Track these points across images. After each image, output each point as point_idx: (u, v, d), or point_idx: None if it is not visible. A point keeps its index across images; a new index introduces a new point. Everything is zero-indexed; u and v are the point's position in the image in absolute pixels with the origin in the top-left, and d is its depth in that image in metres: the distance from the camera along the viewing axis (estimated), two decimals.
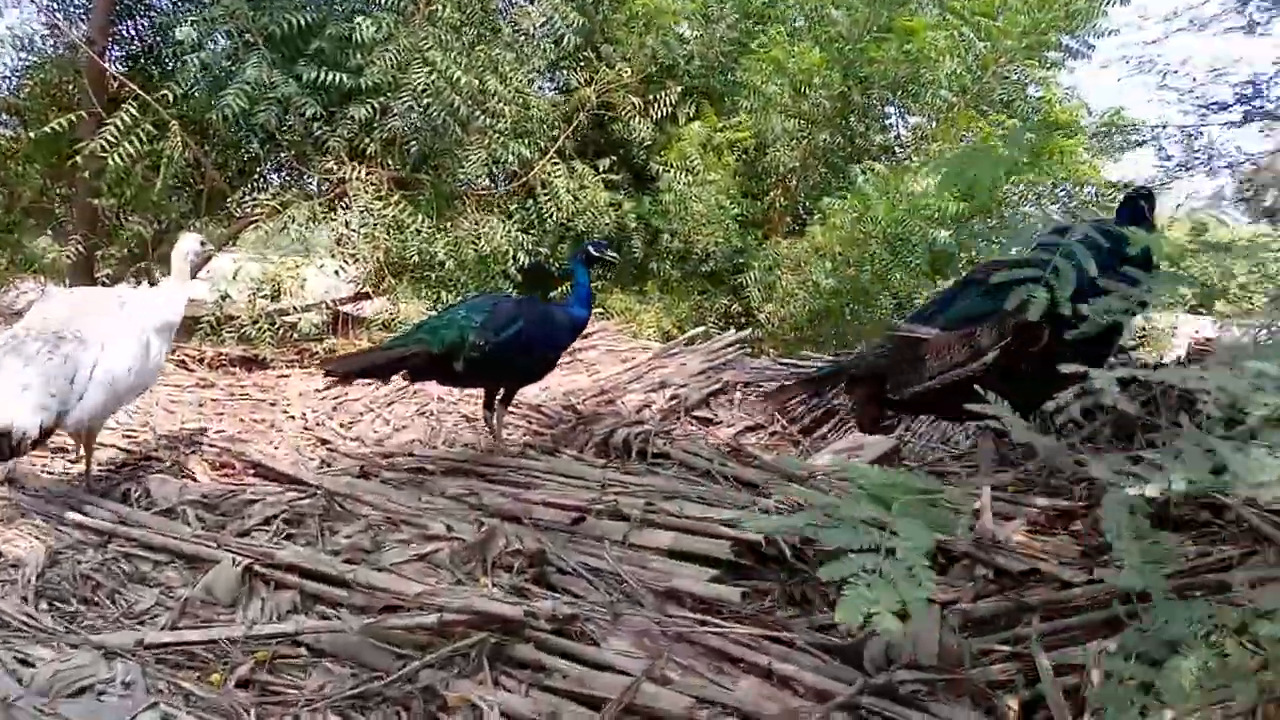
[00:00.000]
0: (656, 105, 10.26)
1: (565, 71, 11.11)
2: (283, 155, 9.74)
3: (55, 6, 10.62)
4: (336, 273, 8.86)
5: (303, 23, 8.62)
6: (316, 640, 2.63)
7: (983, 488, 3.16)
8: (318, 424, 5.89)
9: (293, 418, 6.02)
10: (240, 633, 2.60)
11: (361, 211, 8.49)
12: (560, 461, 4.39)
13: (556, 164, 9.59)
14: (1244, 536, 2.67)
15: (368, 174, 8.63)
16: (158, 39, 10.81)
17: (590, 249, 5.03)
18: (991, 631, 2.43)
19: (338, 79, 8.36)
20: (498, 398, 4.81)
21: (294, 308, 8.19)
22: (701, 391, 5.73)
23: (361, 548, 3.17)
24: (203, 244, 4.63)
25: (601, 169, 10.00)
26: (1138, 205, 4.01)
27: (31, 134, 8.56)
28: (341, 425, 5.82)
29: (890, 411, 3.92)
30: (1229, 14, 6.15)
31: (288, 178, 10.22)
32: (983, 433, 3.97)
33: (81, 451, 3.95)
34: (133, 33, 10.93)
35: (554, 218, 9.53)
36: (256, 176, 10.39)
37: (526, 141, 9.27)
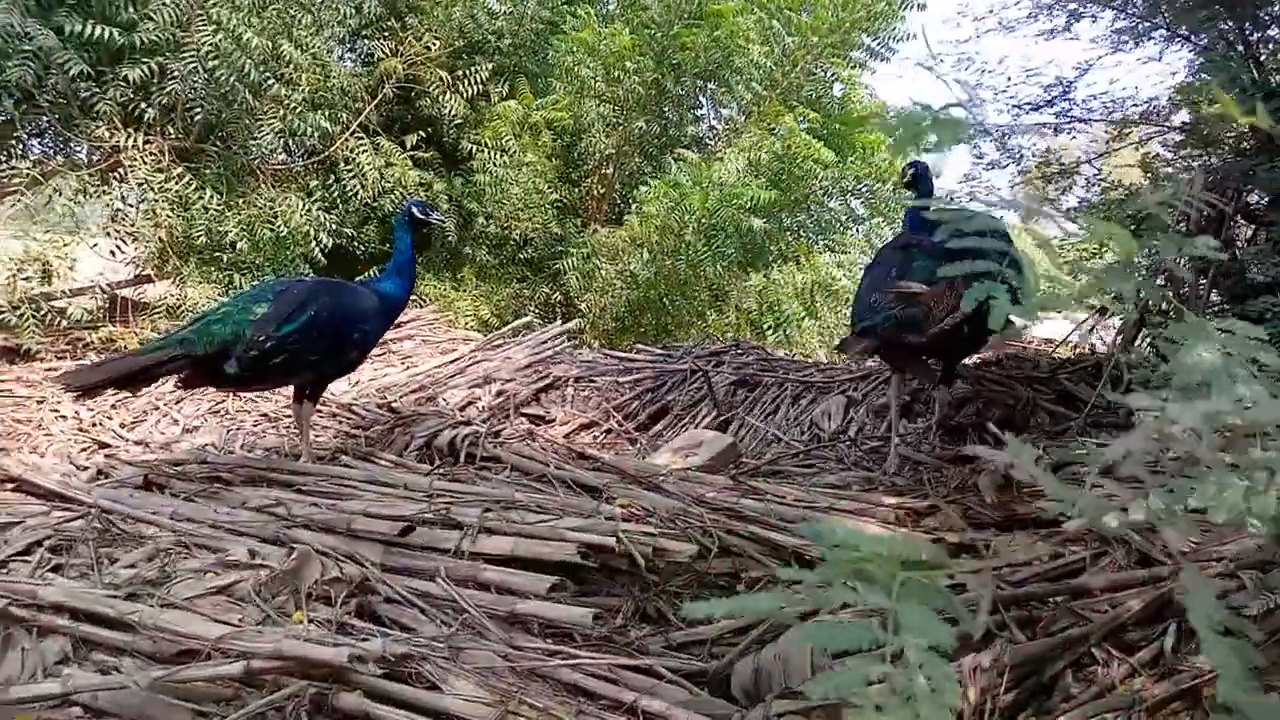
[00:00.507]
0: (467, 82, 9.82)
1: (368, 41, 10.46)
2: (44, 119, 8.61)
3: None
4: (112, 253, 7.94)
5: None
6: (94, 699, 2.20)
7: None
8: (94, 424, 5.21)
9: (64, 418, 5.30)
10: None
11: (140, 185, 7.63)
12: (378, 468, 4.02)
13: (360, 139, 9.00)
14: (1092, 536, 2.71)
15: (145, 143, 7.77)
16: None
17: (414, 210, 4.46)
18: (863, 651, 2.34)
19: (107, 34, 7.45)
20: (305, 394, 4.33)
21: (63, 292, 7.25)
22: (531, 388, 5.47)
23: (147, 579, 2.72)
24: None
25: (409, 146, 9.48)
26: (923, 176, 4.47)
27: None
28: (123, 425, 5.17)
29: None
30: (1040, 16, 6.48)
31: (51, 145, 9.07)
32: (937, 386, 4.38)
33: None
34: None
35: (359, 196, 8.95)
36: (13, 143, 9.14)
37: (326, 113, 8.64)
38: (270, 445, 4.78)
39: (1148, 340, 4.96)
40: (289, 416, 5.36)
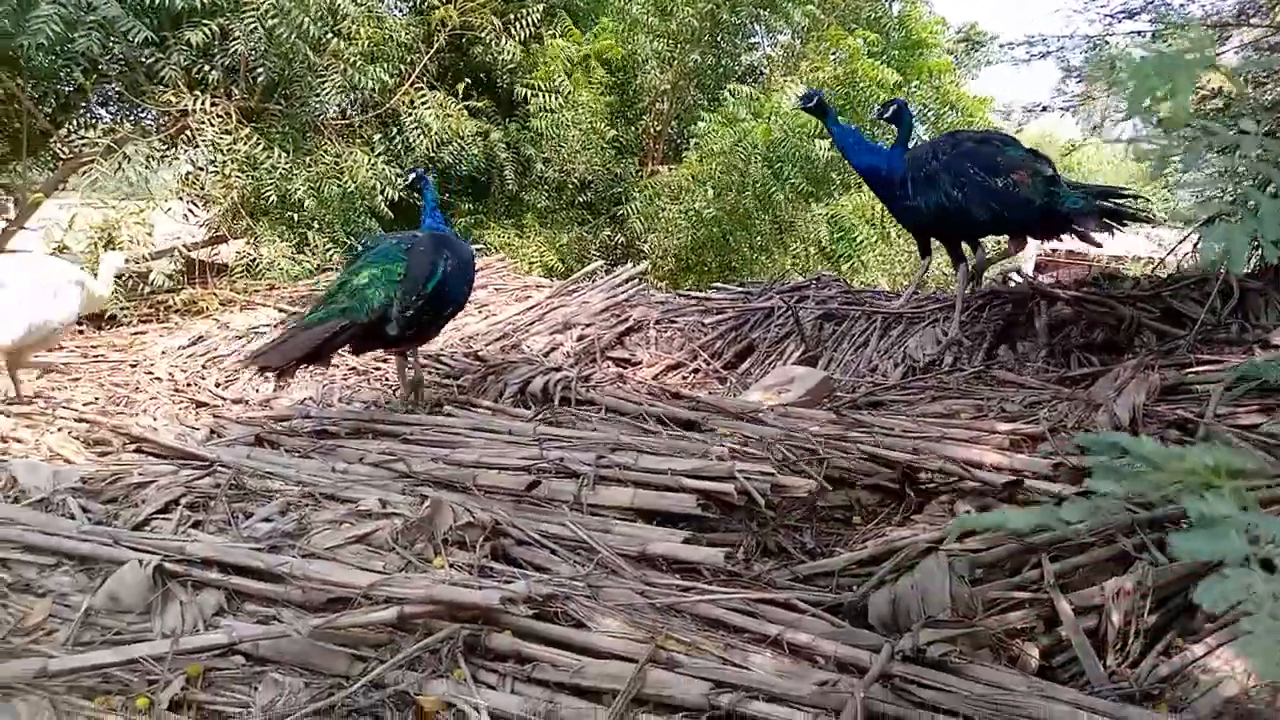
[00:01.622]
0: (518, 25, 9.69)
1: None
2: (111, 87, 8.72)
3: None
4: (185, 216, 8.07)
5: None
6: (255, 648, 2.30)
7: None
8: (189, 385, 5.35)
9: (159, 379, 5.45)
10: (165, 648, 2.24)
11: (208, 147, 7.70)
12: (479, 416, 4.09)
13: (419, 89, 8.97)
14: None
15: (212, 105, 7.82)
16: None
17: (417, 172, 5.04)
18: (999, 577, 2.34)
19: None
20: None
21: (142, 257, 7.40)
22: (613, 331, 5.49)
23: (285, 532, 2.81)
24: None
25: (463, 94, 9.43)
26: (904, 111, 5.35)
27: None
28: (218, 385, 5.30)
29: None
30: None
31: (119, 112, 9.19)
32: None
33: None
34: None
35: (421, 148, 8.95)
36: (83, 112, 9.28)
37: (385, 66, 8.61)
38: (367, 398, 4.87)
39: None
40: (378, 368, 5.47)
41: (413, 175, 5.14)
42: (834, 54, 10.56)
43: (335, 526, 2.81)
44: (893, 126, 5.49)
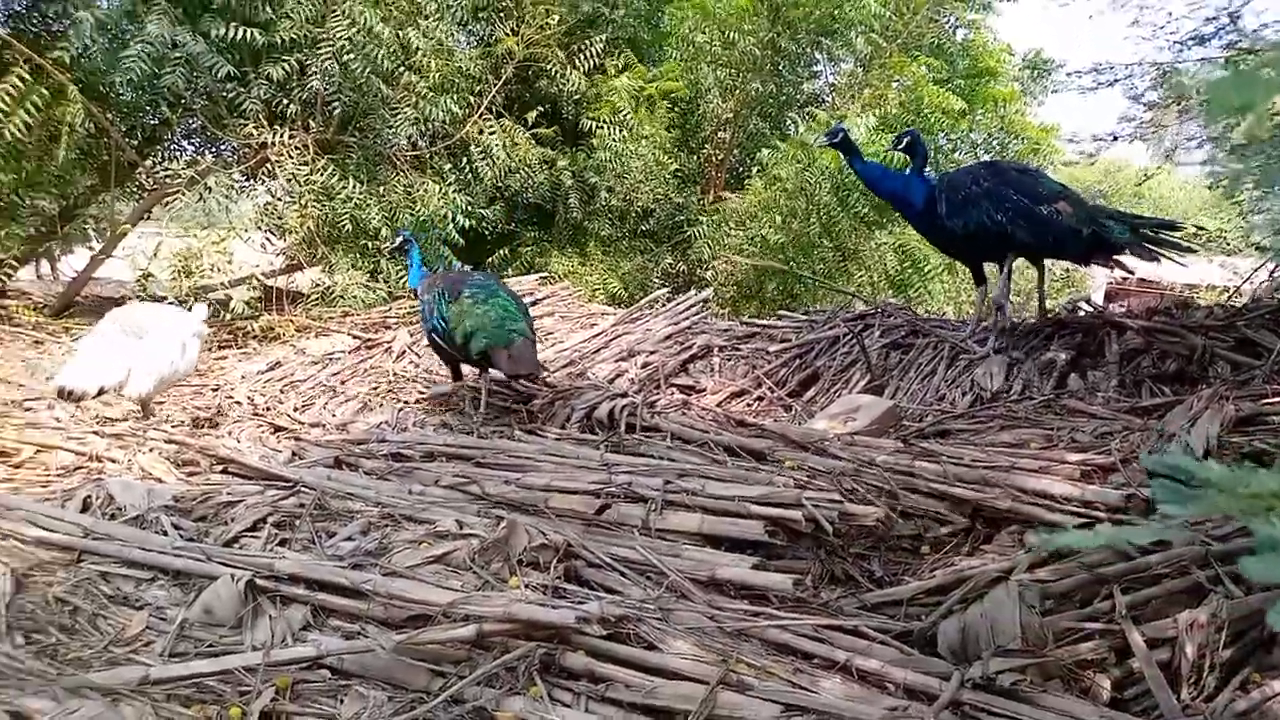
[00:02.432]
0: (582, 56, 9.89)
1: (484, 24, 10.63)
2: (194, 120, 9.11)
3: None
4: (263, 245, 8.37)
5: None
6: (340, 662, 2.40)
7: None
8: (268, 409, 5.55)
9: (239, 403, 5.66)
10: (258, 659, 2.35)
11: (287, 179, 8.00)
12: (548, 441, 4.19)
13: (488, 120, 9.20)
14: None
15: (290, 137, 8.12)
16: None
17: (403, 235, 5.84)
18: (1070, 607, 2.35)
19: (248, 35, 7.82)
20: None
21: (222, 284, 7.69)
22: (677, 358, 5.56)
23: (368, 550, 2.93)
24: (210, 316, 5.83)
25: (530, 124, 9.63)
26: (918, 142, 5.60)
27: None
28: (296, 410, 5.49)
29: None
30: None
31: (201, 145, 9.59)
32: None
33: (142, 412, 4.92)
34: None
35: (489, 176, 9.16)
36: (167, 144, 9.70)
37: (455, 97, 8.85)
38: (437, 422, 5.00)
39: None
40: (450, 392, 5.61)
41: (399, 239, 5.76)
42: (897, 81, 10.56)
43: (414, 546, 2.92)
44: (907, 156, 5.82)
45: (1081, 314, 5.50)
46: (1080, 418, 4.01)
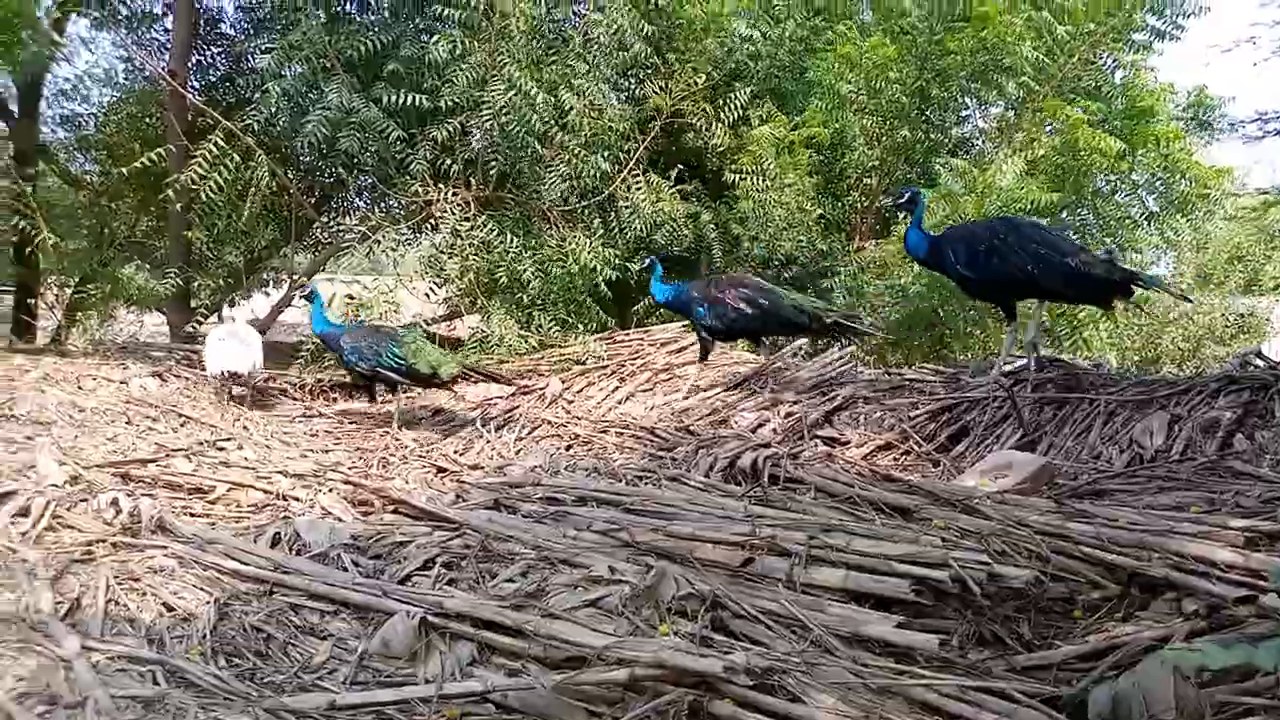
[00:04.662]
0: (727, 109, 10.11)
1: (632, 82, 11.02)
2: (366, 179, 9.83)
3: (135, 40, 10.89)
4: (427, 295, 8.91)
5: (377, 45, 8.72)
6: (504, 698, 2.58)
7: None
8: (429, 451, 5.90)
9: (404, 445, 6.04)
10: (430, 692, 2.56)
11: (449, 232, 8.51)
12: (690, 489, 4.31)
13: (636, 175, 9.52)
14: None
15: (452, 194, 8.66)
16: (233, 67, 11.03)
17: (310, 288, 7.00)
18: (1228, 680, 2.29)
19: (416, 101, 8.43)
20: None
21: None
22: (820, 409, 5.61)
23: (528, 592, 3.12)
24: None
25: (674, 178, 9.89)
26: (917, 201, 6.22)
27: (123, 170, 8.73)
28: (456, 452, 5.82)
29: None
30: None
31: (372, 201, 10.31)
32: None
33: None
34: (208, 61, 11.16)
35: (635, 229, 9.45)
36: (342, 201, 10.48)
37: (605, 154, 9.23)
38: (587, 466, 5.20)
39: None
40: (598, 438, 5.83)
41: (308, 290, 7.02)
42: (1050, 124, 10.32)
43: (571, 589, 3.09)
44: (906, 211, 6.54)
45: (1252, 369, 5.24)
46: (1246, 481, 3.84)
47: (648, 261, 7.32)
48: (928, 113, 11.32)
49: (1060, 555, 3.13)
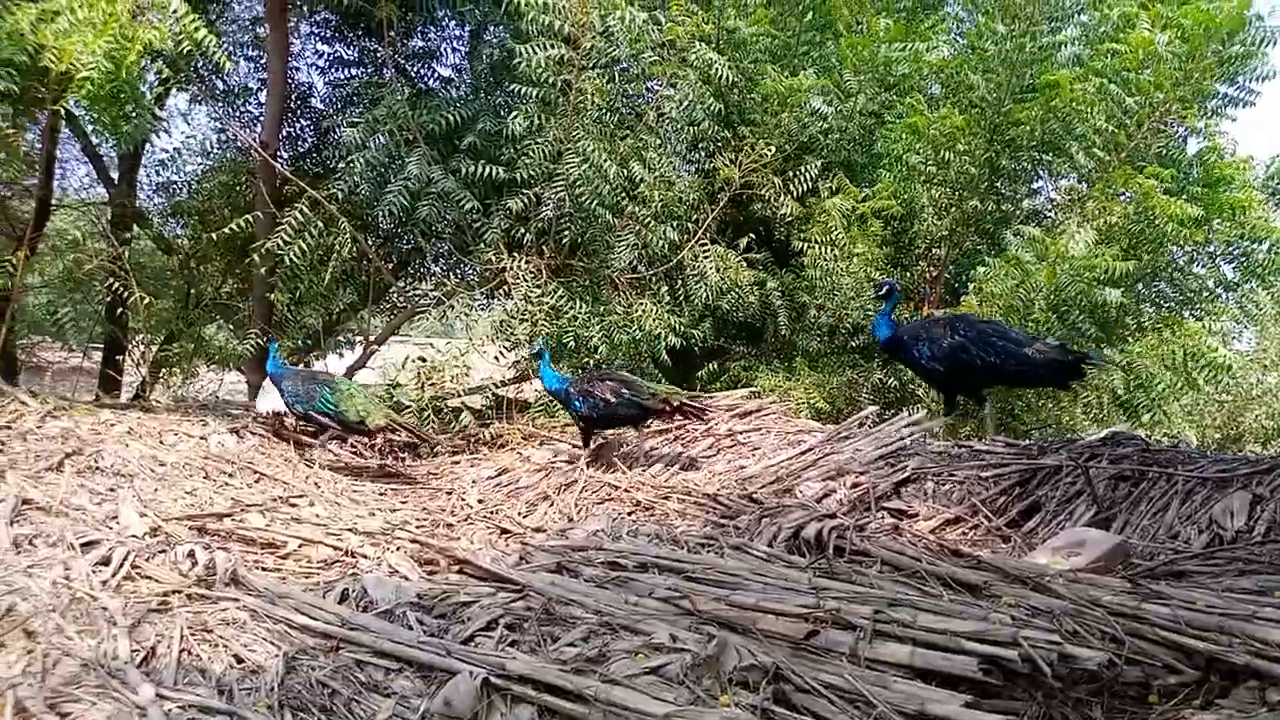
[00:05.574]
0: (797, 181, 10.22)
1: (702, 154, 11.22)
2: (443, 245, 10.13)
3: (230, 113, 11.49)
4: (497, 358, 9.08)
5: (457, 119, 9.06)
6: None
7: None
8: (494, 513, 5.96)
9: (469, 506, 6.11)
10: None
11: (521, 299, 8.70)
12: (753, 560, 4.29)
13: (704, 245, 9.65)
14: None
15: (525, 262, 8.87)
16: (320, 139, 11.55)
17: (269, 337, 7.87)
18: None
19: (493, 172, 8.71)
20: None
21: (459, 392, 8.41)
22: (888, 480, 5.54)
23: (589, 657, 3.13)
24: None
25: (742, 247, 9.99)
26: (893, 292, 7.18)
27: (213, 235, 9.13)
28: (520, 514, 5.87)
29: None
30: None
31: (448, 267, 10.60)
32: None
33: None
34: (297, 133, 11.71)
35: (701, 296, 9.55)
36: (418, 267, 10.80)
37: (674, 225, 9.37)
38: (649, 532, 5.21)
39: None
40: (660, 503, 5.84)
41: (267, 340, 7.66)
42: (1123, 194, 10.19)
43: (631, 656, 3.09)
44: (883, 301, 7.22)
45: None
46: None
47: (536, 348, 7.54)
48: (998, 184, 11.27)
49: (1135, 637, 3.04)
